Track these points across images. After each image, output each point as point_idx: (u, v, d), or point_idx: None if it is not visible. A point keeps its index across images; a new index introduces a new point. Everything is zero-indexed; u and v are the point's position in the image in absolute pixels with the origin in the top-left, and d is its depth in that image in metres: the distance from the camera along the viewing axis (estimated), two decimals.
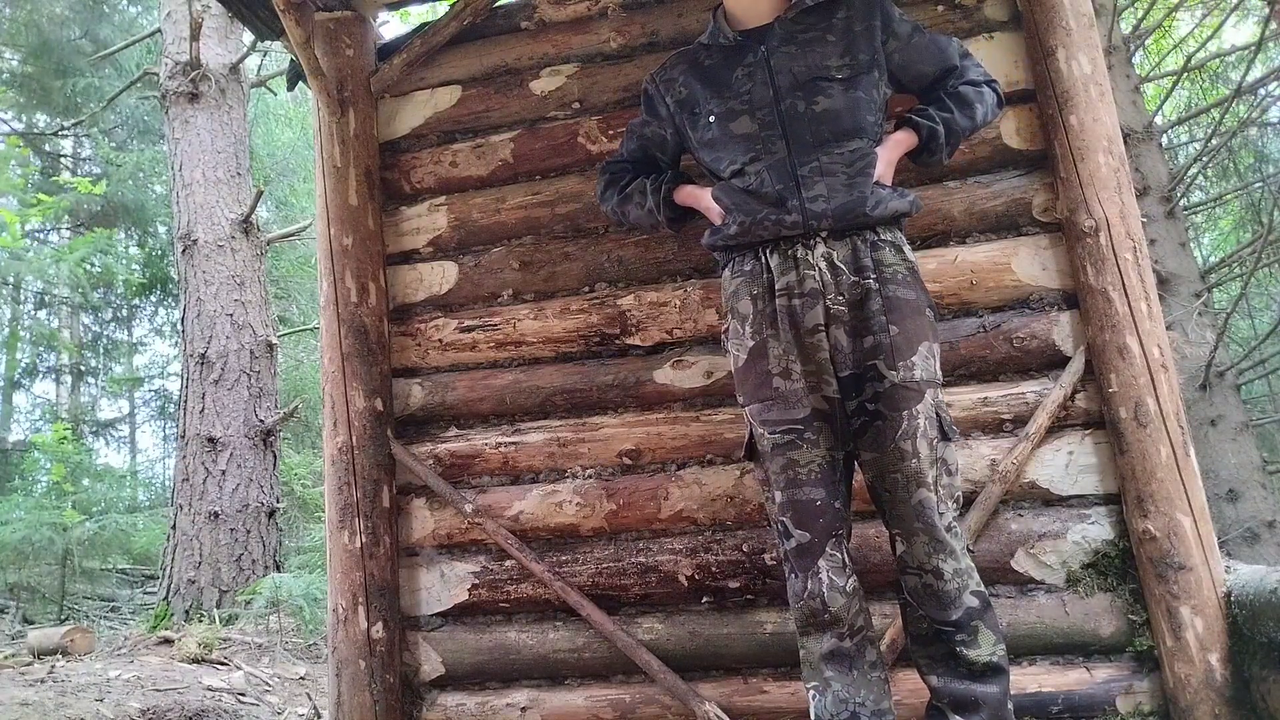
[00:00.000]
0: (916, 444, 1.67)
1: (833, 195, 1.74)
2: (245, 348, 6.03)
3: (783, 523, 1.75)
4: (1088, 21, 2.25)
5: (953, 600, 1.66)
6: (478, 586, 2.40)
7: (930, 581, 1.67)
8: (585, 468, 2.40)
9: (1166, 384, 2.06)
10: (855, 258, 1.74)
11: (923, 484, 1.67)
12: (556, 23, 2.59)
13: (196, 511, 5.67)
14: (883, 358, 1.70)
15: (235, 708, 3.32)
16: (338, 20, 2.65)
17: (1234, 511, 4.38)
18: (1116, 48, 4.81)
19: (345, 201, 2.56)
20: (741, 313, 1.81)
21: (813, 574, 1.71)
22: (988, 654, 1.67)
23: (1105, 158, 2.16)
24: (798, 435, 1.73)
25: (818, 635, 1.72)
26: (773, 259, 1.77)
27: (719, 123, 1.85)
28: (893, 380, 1.69)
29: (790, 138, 1.77)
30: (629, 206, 2.07)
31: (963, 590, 1.66)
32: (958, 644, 1.67)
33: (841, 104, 1.77)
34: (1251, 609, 1.84)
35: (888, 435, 1.69)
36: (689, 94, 1.94)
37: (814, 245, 1.74)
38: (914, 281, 1.78)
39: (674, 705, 2.21)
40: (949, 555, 1.66)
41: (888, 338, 1.70)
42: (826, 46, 1.82)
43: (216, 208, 6.24)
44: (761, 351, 1.77)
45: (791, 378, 1.74)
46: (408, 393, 2.54)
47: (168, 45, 6.58)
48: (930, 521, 1.66)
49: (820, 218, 1.73)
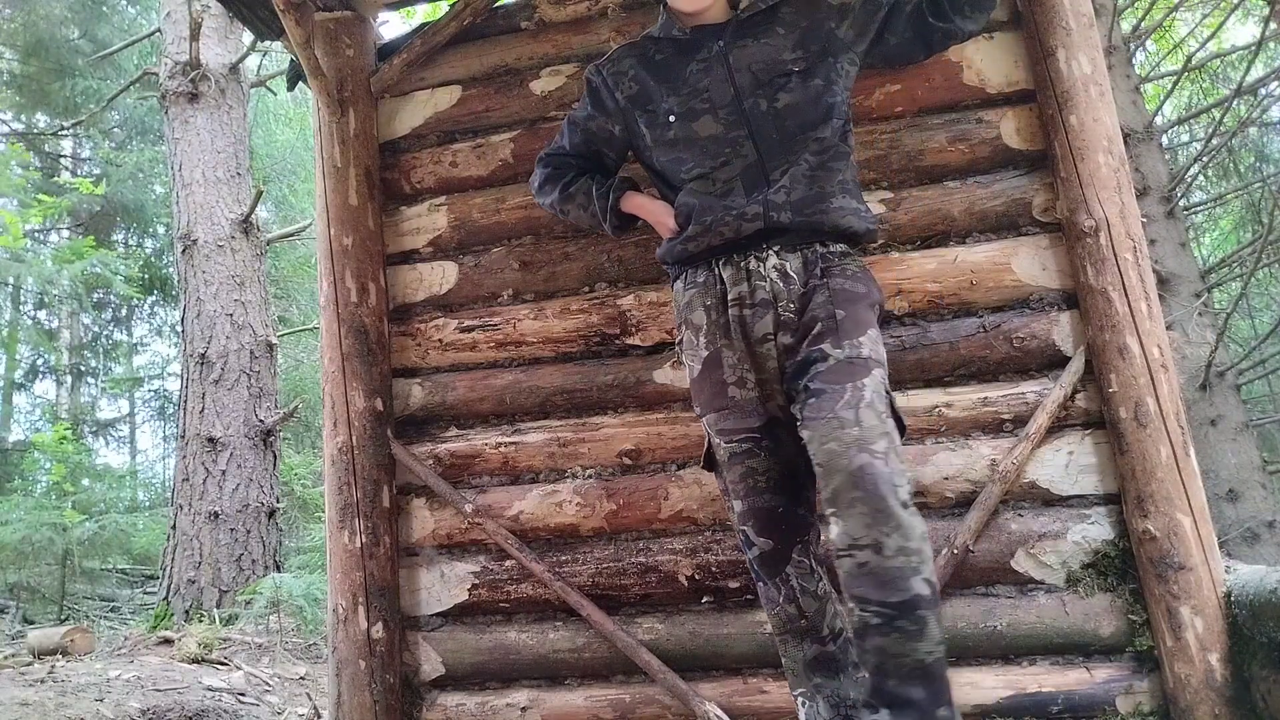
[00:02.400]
0: (860, 413, 1.52)
1: (794, 187, 1.72)
2: (245, 348, 6.03)
3: (744, 531, 1.74)
4: (1088, 21, 2.25)
5: (893, 580, 1.43)
6: (478, 586, 2.40)
7: (867, 558, 1.44)
8: (585, 468, 2.40)
9: (1166, 384, 2.06)
10: (806, 269, 1.72)
11: (865, 449, 1.48)
12: (556, 23, 2.59)
13: (196, 511, 5.67)
14: (829, 339, 1.63)
15: (235, 708, 3.32)
16: (338, 20, 2.65)
17: (1234, 511, 4.38)
18: (1116, 48, 4.81)
19: (345, 201, 2.56)
20: (695, 323, 1.80)
21: (781, 580, 1.71)
22: (926, 651, 1.44)
23: (1105, 158, 2.16)
24: (755, 444, 1.72)
25: (797, 642, 1.71)
26: (725, 270, 1.76)
27: (680, 123, 1.80)
28: (838, 357, 1.61)
29: (758, 139, 1.75)
30: (570, 206, 2.01)
31: (909, 573, 1.43)
32: (895, 633, 1.43)
33: (802, 96, 1.76)
34: (1251, 609, 1.84)
35: (827, 406, 1.55)
36: (640, 89, 1.88)
37: (766, 257, 1.73)
38: (865, 278, 1.75)
39: (674, 705, 2.21)
40: (894, 530, 1.43)
41: (834, 322, 1.65)
42: (778, 39, 1.80)
43: (216, 208, 6.24)
44: (716, 361, 1.76)
45: (746, 387, 1.73)
46: (408, 393, 2.54)
47: (167, 45, 6.58)
48: (873, 490, 1.45)
49: (780, 209, 1.71)
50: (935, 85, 2.30)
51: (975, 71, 2.31)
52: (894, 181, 2.31)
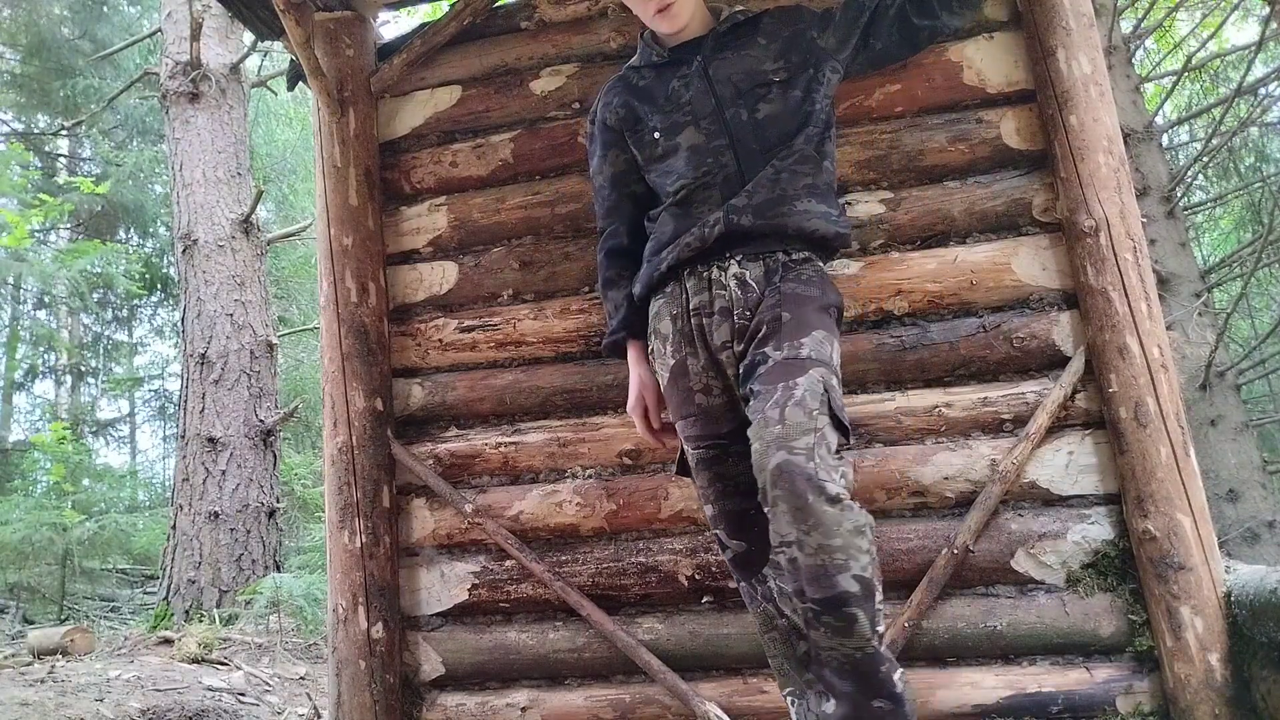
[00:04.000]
0: (786, 411, 1.50)
1: (756, 190, 1.72)
2: (245, 348, 6.03)
3: (717, 534, 1.77)
4: (1088, 21, 2.25)
5: (817, 577, 1.41)
6: (478, 586, 2.40)
7: (794, 554, 1.43)
8: (585, 468, 2.40)
9: (1166, 384, 2.06)
10: (767, 277, 1.71)
11: (784, 446, 1.46)
12: (556, 23, 2.59)
13: (196, 511, 5.67)
14: (772, 342, 1.62)
15: (235, 708, 3.32)
16: (338, 20, 2.65)
17: (1234, 511, 4.38)
18: (1116, 48, 4.81)
19: (345, 201, 2.56)
20: (662, 333, 1.81)
21: (758, 580, 1.72)
22: (854, 647, 1.43)
23: (1105, 158, 2.16)
24: (723, 450, 1.74)
25: (782, 640, 1.71)
26: (689, 281, 1.76)
27: (664, 137, 1.81)
28: (777, 359, 1.59)
29: (738, 148, 1.75)
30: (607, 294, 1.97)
31: (834, 570, 1.41)
32: (822, 628, 1.43)
33: (781, 107, 1.77)
34: (1251, 609, 1.84)
35: (758, 406, 1.54)
36: (628, 113, 1.89)
37: (727, 265, 1.73)
38: (819, 282, 1.73)
39: (674, 705, 2.21)
40: (814, 528, 1.41)
41: (779, 324, 1.63)
42: (759, 50, 1.82)
43: (217, 208, 6.24)
44: (682, 369, 1.77)
45: (713, 394, 1.74)
46: (408, 393, 2.54)
47: (168, 45, 6.58)
48: (790, 487, 1.43)
49: (741, 213, 1.70)
50: (935, 85, 2.30)
51: (975, 71, 2.31)
52: (894, 181, 2.31)
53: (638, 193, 1.94)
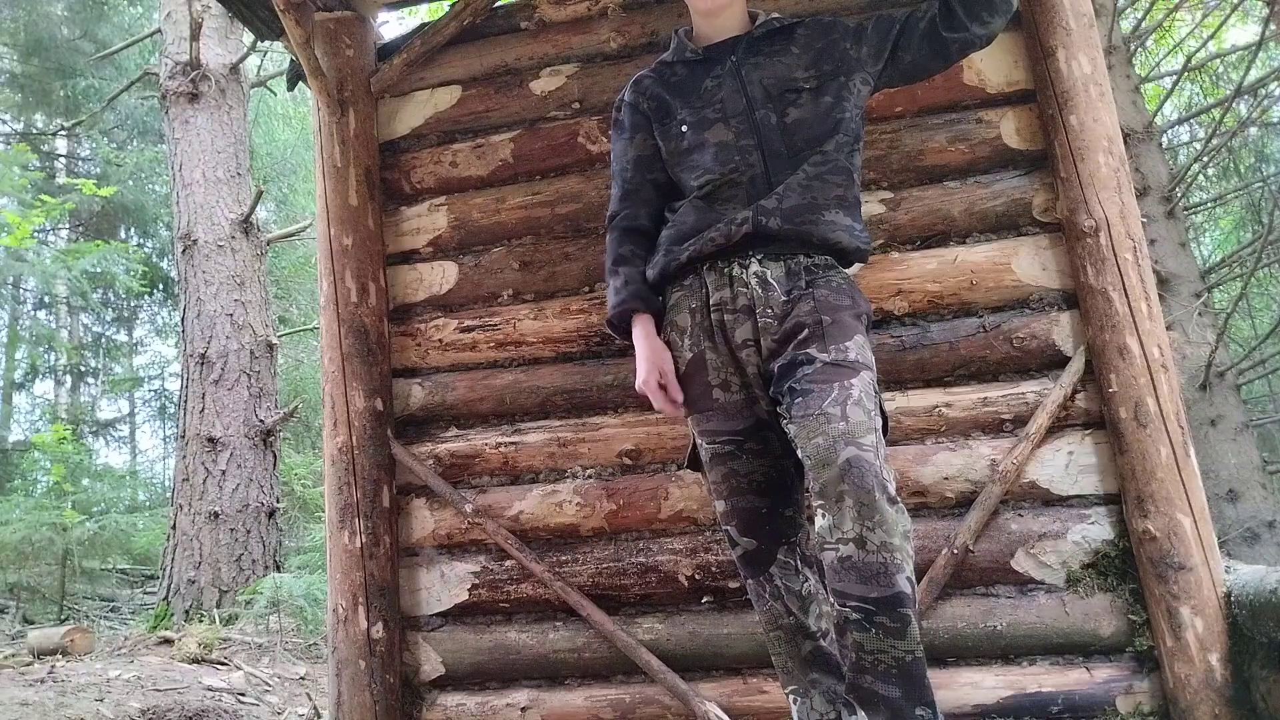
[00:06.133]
0: (848, 409, 1.52)
1: (787, 195, 1.72)
2: (245, 348, 6.03)
3: (728, 530, 1.77)
4: (1088, 21, 2.25)
5: (875, 575, 1.43)
6: (478, 586, 2.40)
7: (850, 552, 1.45)
8: (585, 468, 2.40)
9: (1166, 384, 2.06)
10: (789, 277, 1.72)
11: (853, 443, 1.48)
12: (556, 23, 2.59)
13: (196, 511, 5.66)
14: (815, 344, 1.62)
15: (235, 708, 3.31)
16: (338, 20, 2.65)
17: (1234, 511, 4.38)
18: (1116, 48, 4.81)
19: (345, 201, 2.57)
20: (680, 325, 1.80)
21: (765, 579, 1.73)
22: (905, 650, 1.44)
23: (1105, 158, 2.16)
24: (737, 446, 1.73)
25: (788, 639, 1.73)
26: (710, 275, 1.76)
27: (692, 131, 1.82)
28: (825, 360, 1.60)
29: (765, 150, 1.76)
30: (617, 270, 1.90)
31: (893, 569, 1.43)
32: (874, 629, 1.43)
33: (811, 112, 1.77)
34: (1251, 609, 1.84)
35: (814, 404, 1.54)
36: (659, 104, 1.90)
37: (749, 264, 1.73)
38: (850, 290, 1.74)
39: (674, 705, 2.21)
40: (879, 525, 1.43)
41: (821, 328, 1.64)
42: (791, 58, 1.82)
43: (216, 208, 6.23)
44: (700, 363, 1.76)
45: (731, 390, 1.74)
46: (408, 393, 2.54)
47: (168, 45, 6.58)
48: (860, 483, 1.45)
49: (770, 214, 1.70)
50: (935, 85, 2.30)
51: (975, 71, 2.31)
52: (894, 181, 2.31)
53: (659, 180, 1.93)
